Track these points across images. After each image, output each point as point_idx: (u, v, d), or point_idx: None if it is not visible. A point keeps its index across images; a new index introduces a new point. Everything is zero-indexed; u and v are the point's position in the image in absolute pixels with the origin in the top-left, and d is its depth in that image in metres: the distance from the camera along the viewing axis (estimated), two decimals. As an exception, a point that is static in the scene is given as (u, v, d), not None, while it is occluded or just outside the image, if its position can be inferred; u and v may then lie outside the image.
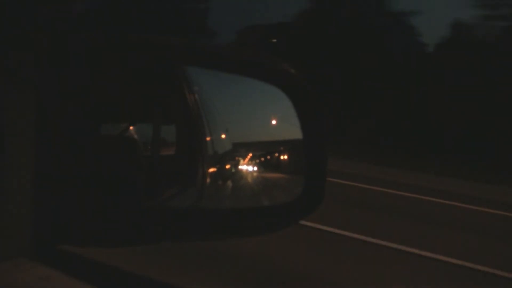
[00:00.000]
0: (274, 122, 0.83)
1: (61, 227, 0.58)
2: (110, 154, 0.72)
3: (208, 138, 1.01)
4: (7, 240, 0.54)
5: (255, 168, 0.87)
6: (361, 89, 15.62)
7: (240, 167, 0.88)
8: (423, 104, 15.09)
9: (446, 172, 10.57)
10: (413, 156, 12.41)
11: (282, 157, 0.84)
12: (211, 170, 0.98)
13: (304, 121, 0.79)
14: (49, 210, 0.57)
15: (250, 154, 0.87)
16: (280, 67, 0.79)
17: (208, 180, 0.96)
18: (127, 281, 0.82)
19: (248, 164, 0.87)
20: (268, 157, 0.87)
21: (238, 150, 0.89)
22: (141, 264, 1.40)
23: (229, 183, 0.93)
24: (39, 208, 0.56)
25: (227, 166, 0.95)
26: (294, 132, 0.76)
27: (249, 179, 0.88)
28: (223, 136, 0.96)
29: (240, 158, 0.89)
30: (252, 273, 3.05)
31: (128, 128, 0.83)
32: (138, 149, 0.81)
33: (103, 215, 0.61)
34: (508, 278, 3.66)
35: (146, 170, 0.80)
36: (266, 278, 3.03)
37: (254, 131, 0.88)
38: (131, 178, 0.75)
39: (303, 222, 4.08)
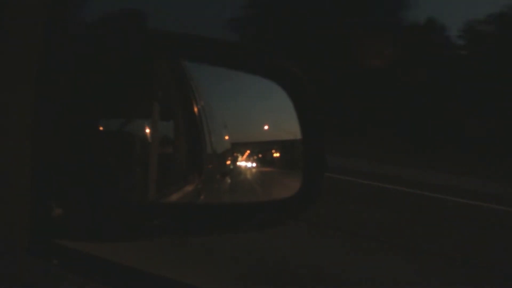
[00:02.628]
0: (266, 127, 0.94)
1: (58, 222, 0.59)
2: (108, 150, 0.72)
3: (207, 134, 1.01)
4: (3, 235, 0.55)
5: (254, 164, 0.89)
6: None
7: (238, 163, 0.90)
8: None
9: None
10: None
11: (275, 155, 0.94)
12: (210, 165, 0.98)
13: (302, 116, 0.79)
14: (46, 205, 0.58)
15: (248, 151, 0.89)
16: (278, 62, 0.79)
17: (207, 175, 0.97)
18: (125, 275, 0.82)
19: (246, 160, 0.89)
20: (266, 153, 0.90)
21: (236, 147, 0.92)
22: (140, 260, 1.41)
23: (228, 178, 0.94)
24: (36, 203, 0.56)
25: (227, 162, 0.96)
26: (285, 133, 0.87)
27: (248, 175, 0.89)
28: (222, 133, 0.97)
29: (238, 155, 0.90)
30: (258, 270, 3.07)
31: (127, 124, 0.83)
32: (136, 145, 0.81)
33: (100, 210, 0.61)
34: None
35: (144, 166, 0.80)
36: (268, 275, 3.04)
37: (251, 131, 0.95)
38: (129, 174, 0.76)
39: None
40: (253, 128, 0.93)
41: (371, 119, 14.87)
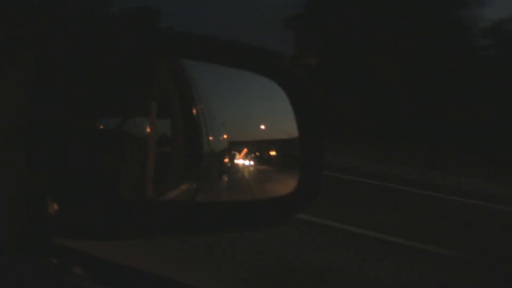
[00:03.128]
0: (263, 127, 0.96)
1: (56, 220, 0.59)
2: (105, 149, 0.72)
3: (205, 133, 1.02)
4: (1, 234, 0.55)
5: (251, 162, 0.89)
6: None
7: (236, 161, 0.90)
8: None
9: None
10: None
11: (272, 153, 0.96)
12: (208, 164, 0.99)
13: (302, 116, 0.79)
14: (44, 204, 0.58)
15: (246, 149, 0.90)
16: (278, 62, 0.79)
17: (204, 174, 0.97)
18: (125, 275, 0.82)
19: (244, 158, 0.89)
20: (263, 152, 0.91)
21: (234, 145, 0.92)
22: (140, 260, 1.41)
23: (225, 177, 0.94)
24: (34, 202, 0.56)
25: (225, 160, 0.96)
26: (283, 132, 0.90)
27: (245, 173, 0.90)
28: (220, 131, 0.97)
29: (236, 153, 0.91)
30: (260, 271, 3.07)
31: (125, 122, 0.83)
32: (134, 143, 0.81)
33: (97, 209, 0.61)
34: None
35: (142, 164, 0.80)
36: (268, 275, 3.05)
37: (249, 130, 0.96)
38: (126, 172, 0.76)
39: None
40: (251, 127, 0.93)
41: (371, 119, 14.88)
